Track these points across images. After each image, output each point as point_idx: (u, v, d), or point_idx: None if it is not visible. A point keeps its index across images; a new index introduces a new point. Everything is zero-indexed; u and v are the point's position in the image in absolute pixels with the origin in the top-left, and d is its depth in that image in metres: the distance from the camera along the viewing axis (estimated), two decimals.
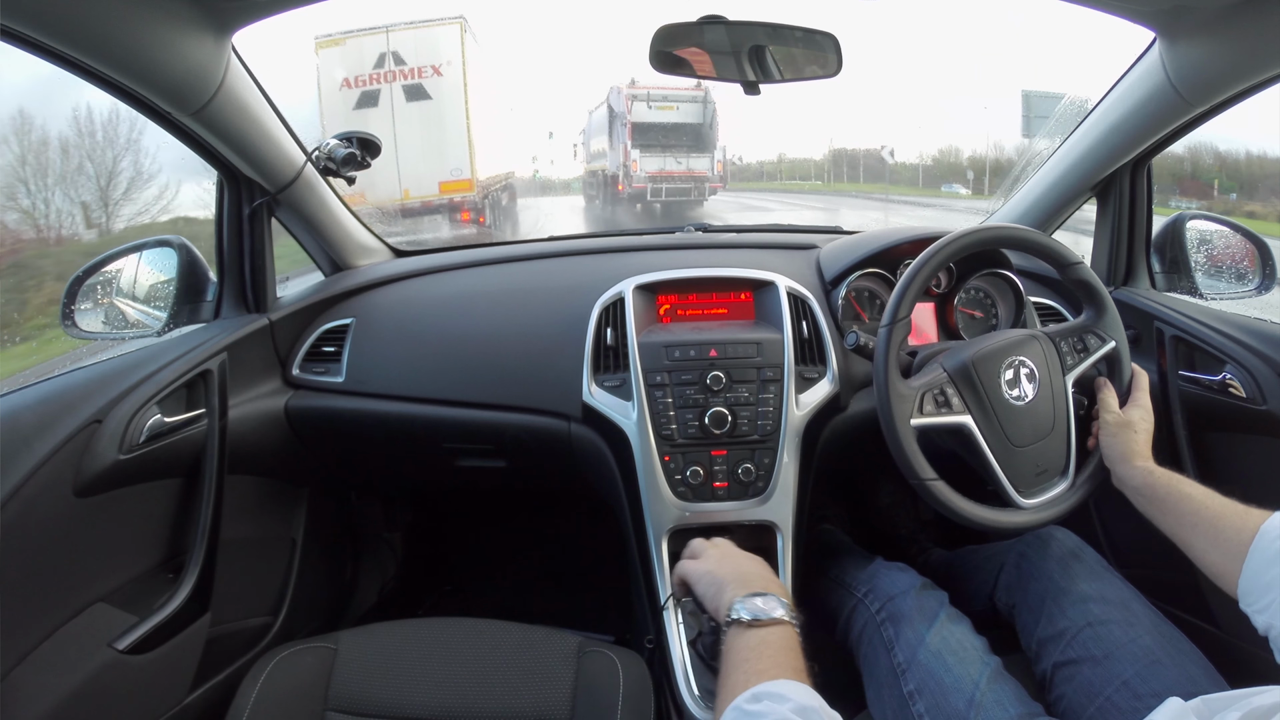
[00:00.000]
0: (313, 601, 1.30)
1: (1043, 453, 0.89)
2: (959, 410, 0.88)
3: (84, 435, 0.82)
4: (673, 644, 0.95)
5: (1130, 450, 0.84)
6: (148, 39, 0.80)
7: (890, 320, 0.88)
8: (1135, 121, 1.05)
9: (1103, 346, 0.93)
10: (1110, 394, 0.90)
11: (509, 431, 1.13)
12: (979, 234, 0.92)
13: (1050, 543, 0.92)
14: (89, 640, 0.83)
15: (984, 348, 0.90)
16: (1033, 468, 0.88)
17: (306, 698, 0.83)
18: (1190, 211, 1.23)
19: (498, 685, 0.84)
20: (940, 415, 0.87)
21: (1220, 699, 0.52)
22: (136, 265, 1.13)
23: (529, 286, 1.27)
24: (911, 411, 0.86)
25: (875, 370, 0.88)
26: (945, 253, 0.90)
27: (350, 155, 1.15)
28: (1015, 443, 0.88)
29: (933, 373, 0.90)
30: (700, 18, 0.93)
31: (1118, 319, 0.94)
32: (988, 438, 0.87)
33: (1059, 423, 0.90)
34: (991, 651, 0.84)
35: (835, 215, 11.85)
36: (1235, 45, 0.86)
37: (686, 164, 10.57)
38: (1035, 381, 0.89)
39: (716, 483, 0.99)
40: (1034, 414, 0.89)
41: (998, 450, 0.87)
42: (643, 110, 10.50)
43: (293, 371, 1.19)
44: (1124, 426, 0.86)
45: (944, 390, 0.88)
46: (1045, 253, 0.94)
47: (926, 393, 0.88)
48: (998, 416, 0.88)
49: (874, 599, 0.95)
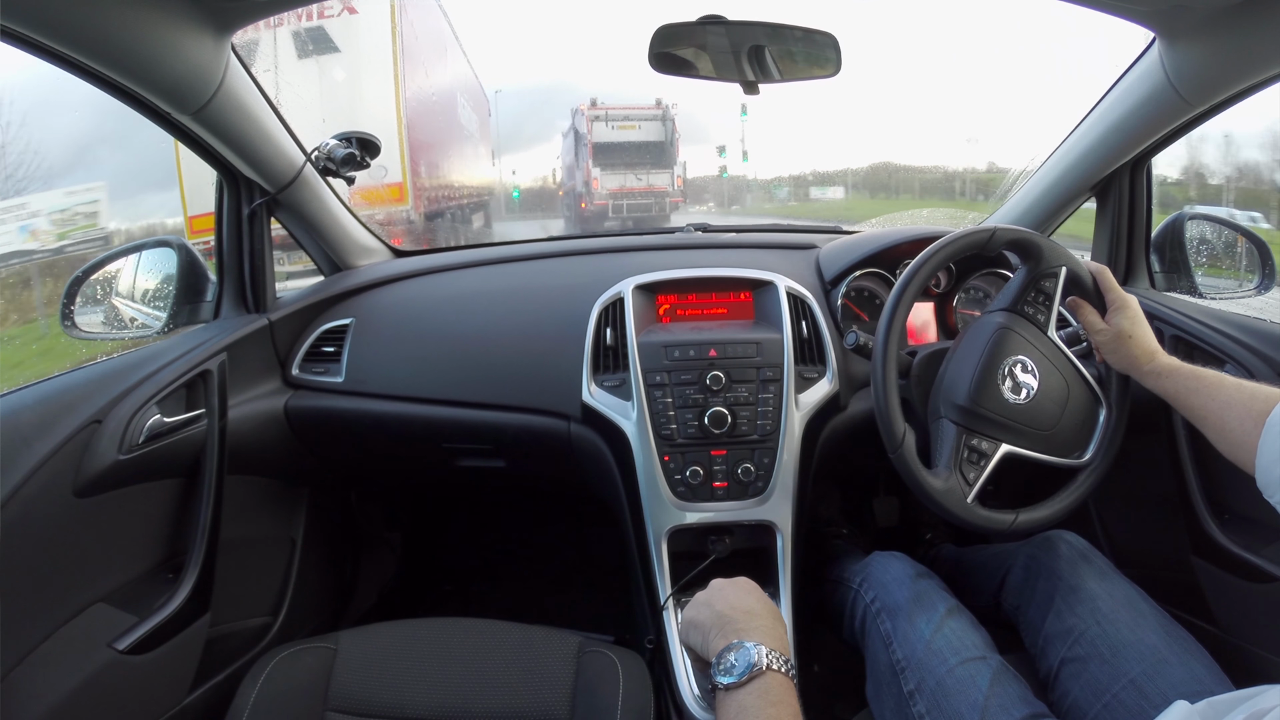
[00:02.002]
0: (313, 601, 1.30)
1: (1074, 412, 0.89)
2: (992, 451, 0.87)
3: (84, 435, 0.83)
4: (673, 644, 0.95)
5: (1132, 358, 0.85)
6: (147, 39, 0.80)
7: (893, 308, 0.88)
8: (1135, 121, 1.05)
9: (1056, 281, 0.91)
10: (1088, 311, 0.90)
11: (508, 431, 1.14)
12: (980, 234, 0.92)
13: (1059, 544, 0.92)
14: (89, 640, 0.83)
15: (972, 377, 0.88)
16: (1074, 431, 0.89)
17: (306, 698, 0.83)
18: (1190, 211, 1.23)
19: (498, 685, 0.84)
20: (984, 468, 0.86)
21: (1224, 701, 0.52)
22: (136, 265, 1.14)
23: (528, 286, 1.27)
24: (964, 495, 0.85)
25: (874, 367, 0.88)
26: (944, 253, 0.90)
27: (350, 155, 1.15)
28: (1047, 428, 0.88)
29: (946, 434, 0.89)
30: (700, 18, 0.93)
31: (1055, 247, 0.92)
32: (1028, 444, 0.87)
33: (1072, 380, 0.90)
34: (993, 649, 0.82)
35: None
36: (1235, 45, 0.86)
37: (647, 180, 10.77)
38: (1031, 370, 0.88)
39: (716, 483, 0.99)
40: (1048, 394, 0.88)
41: (1040, 445, 0.88)
42: (602, 130, 10.75)
43: (292, 371, 1.19)
44: (1116, 338, 0.86)
45: (968, 444, 0.87)
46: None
47: (959, 461, 0.87)
48: (1022, 423, 0.87)
49: (868, 588, 0.95)
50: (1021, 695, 0.75)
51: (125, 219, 4.86)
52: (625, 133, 10.78)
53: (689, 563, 1.00)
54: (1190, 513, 0.96)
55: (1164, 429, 1.01)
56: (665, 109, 10.87)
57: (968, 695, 0.75)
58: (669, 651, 0.96)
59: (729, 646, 0.58)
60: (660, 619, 0.98)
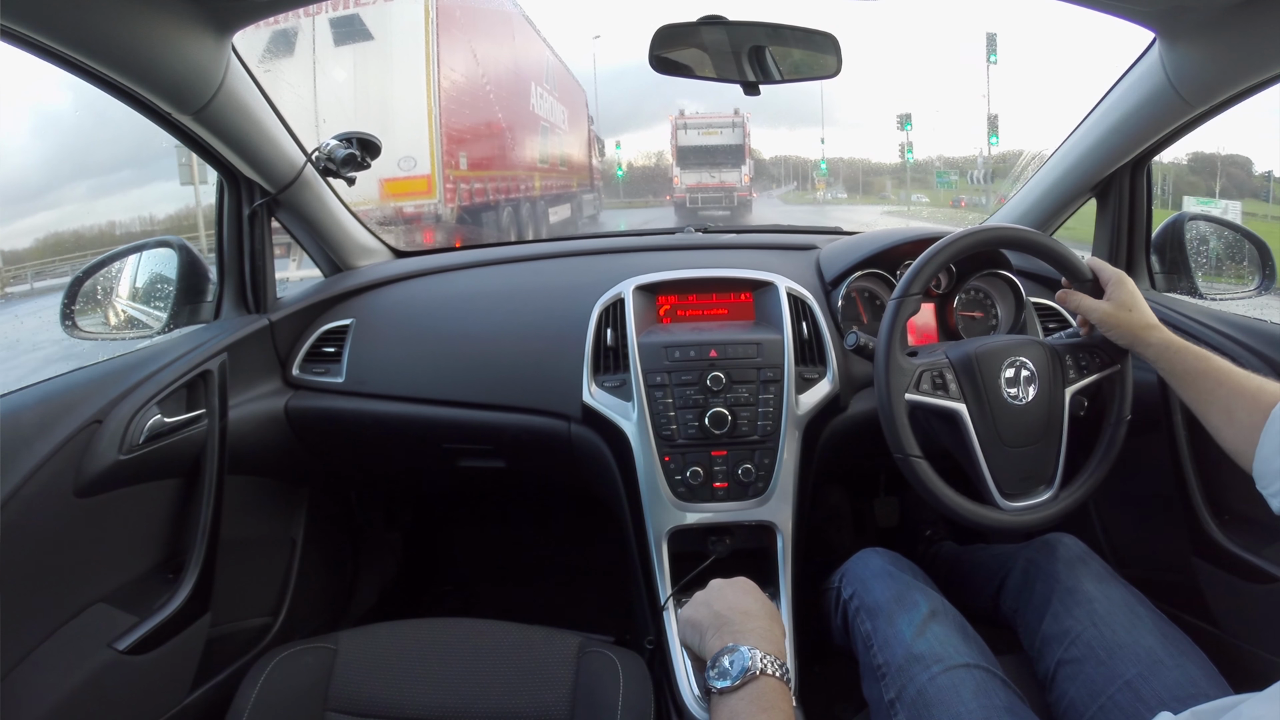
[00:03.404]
0: (313, 602, 1.30)
1: (1032, 458, 0.88)
2: (955, 397, 0.87)
3: (84, 435, 0.83)
4: (673, 644, 0.95)
5: (1133, 330, 0.84)
6: (148, 39, 0.80)
7: (901, 294, 0.88)
8: (1135, 122, 1.05)
9: (1107, 368, 0.91)
10: (1080, 296, 0.89)
11: (509, 432, 1.14)
12: (981, 234, 0.92)
13: (1058, 548, 0.91)
14: (89, 640, 0.83)
15: (989, 344, 0.90)
16: (1019, 471, 0.88)
17: (306, 698, 0.83)
18: (1190, 212, 1.23)
19: (497, 685, 0.84)
20: (935, 397, 0.87)
21: (1208, 710, 0.52)
22: (136, 266, 1.14)
23: (529, 287, 1.27)
24: (907, 386, 0.86)
25: (878, 342, 0.87)
26: (946, 254, 0.90)
27: (350, 156, 1.15)
28: (1006, 442, 0.87)
29: (934, 356, 0.90)
30: (700, 18, 0.93)
31: (1056, 245, 0.92)
32: (979, 431, 0.87)
33: (1053, 432, 0.89)
34: (985, 651, 0.80)
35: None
36: (1235, 45, 0.86)
37: (719, 177, 13.21)
38: (1035, 385, 0.88)
39: (716, 483, 0.99)
40: (1029, 417, 0.88)
41: (987, 446, 0.87)
42: (685, 136, 13.21)
43: (293, 372, 1.19)
44: (1116, 310, 0.86)
45: (943, 374, 0.88)
46: (1049, 255, 0.93)
47: (925, 372, 0.88)
48: (992, 412, 0.87)
49: (847, 584, 0.93)
50: (1008, 706, 0.72)
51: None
52: (707, 138, 13.20)
53: (689, 563, 1.00)
54: (1190, 513, 0.96)
55: (1164, 429, 1.01)
56: (742, 118, 13.28)
57: (949, 707, 0.72)
58: (669, 652, 0.96)
59: (724, 649, 0.58)
60: (660, 619, 0.98)
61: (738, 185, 13.31)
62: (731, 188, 13.30)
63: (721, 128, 13.37)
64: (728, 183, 13.30)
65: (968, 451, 0.87)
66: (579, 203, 11.77)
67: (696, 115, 13.48)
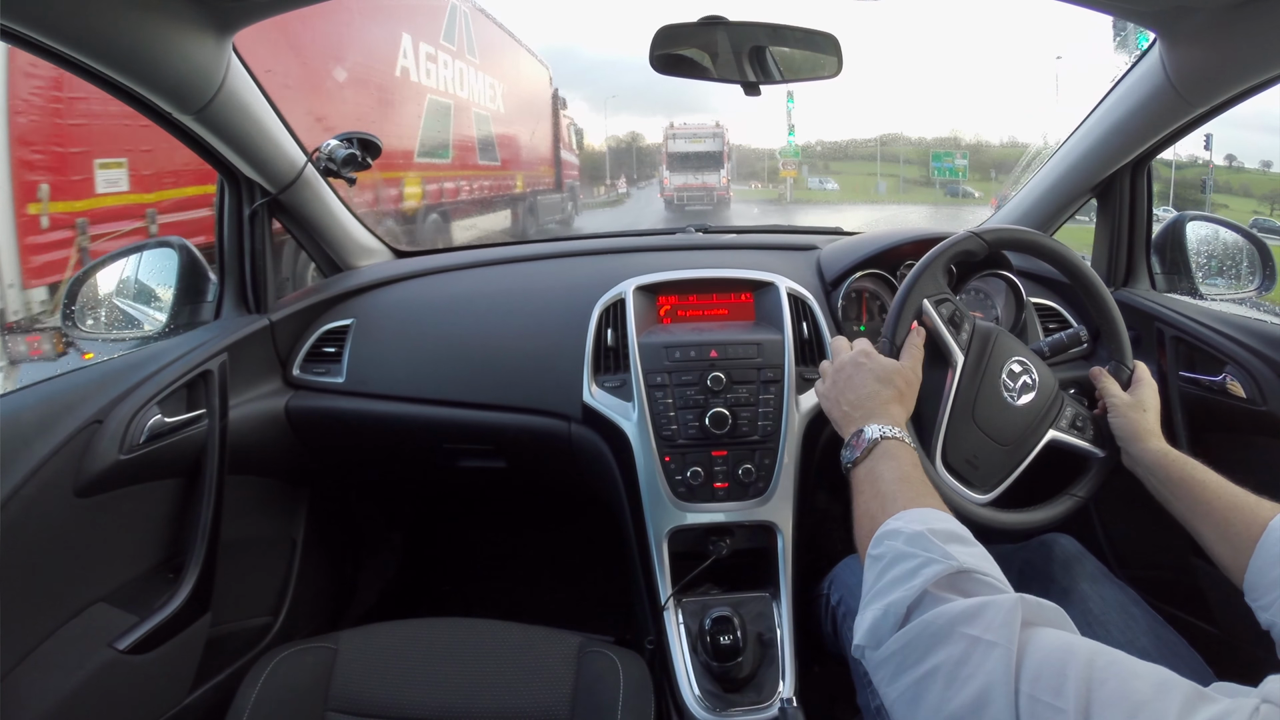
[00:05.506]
0: (313, 601, 1.30)
1: (987, 454, 0.84)
2: (960, 345, 0.83)
3: (84, 435, 0.83)
4: (673, 644, 0.95)
5: (1141, 429, 0.83)
6: (149, 39, 0.80)
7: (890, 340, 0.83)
8: (1136, 122, 1.05)
9: (1092, 444, 0.87)
10: (1110, 381, 0.88)
11: (509, 432, 1.14)
12: (981, 235, 0.92)
13: (1054, 547, 0.91)
14: (89, 640, 0.83)
15: (1014, 338, 0.88)
16: (968, 453, 0.83)
17: (306, 698, 0.83)
18: (1190, 213, 1.23)
19: (498, 685, 0.84)
20: (945, 329, 0.83)
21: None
22: (137, 266, 1.14)
23: (529, 287, 1.27)
24: (931, 294, 0.83)
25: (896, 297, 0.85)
26: (948, 255, 0.89)
27: (350, 156, 1.15)
28: (976, 419, 0.83)
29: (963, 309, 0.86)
30: (700, 18, 0.93)
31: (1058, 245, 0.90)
32: (960, 390, 0.82)
33: (1019, 450, 0.85)
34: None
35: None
36: (1235, 45, 0.86)
37: (701, 179, 15.56)
38: (1030, 396, 0.85)
39: (717, 483, 0.99)
40: (1007, 416, 0.84)
41: (958, 408, 0.82)
42: (674, 144, 15.66)
43: (293, 372, 1.19)
44: (1132, 406, 0.84)
45: (962, 322, 0.84)
46: (1051, 256, 0.91)
47: (947, 302, 0.84)
48: (981, 384, 0.83)
49: (835, 590, 0.93)
50: None
51: None
52: (693, 145, 15.63)
53: (690, 563, 1.00)
54: None
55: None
56: (722, 129, 15.89)
57: None
58: (669, 652, 0.96)
59: (852, 435, 0.73)
60: (661, 619, 0.98)
61: (717, 185, 15.73)
62: (712, 188, 15.68)
63: (705, 137, 15.79)
64: (709, 184, 15.68)
65: (937, 401, 0.83)
66: (531, 206, 9.30)
67: (684, 126, 16.02)
